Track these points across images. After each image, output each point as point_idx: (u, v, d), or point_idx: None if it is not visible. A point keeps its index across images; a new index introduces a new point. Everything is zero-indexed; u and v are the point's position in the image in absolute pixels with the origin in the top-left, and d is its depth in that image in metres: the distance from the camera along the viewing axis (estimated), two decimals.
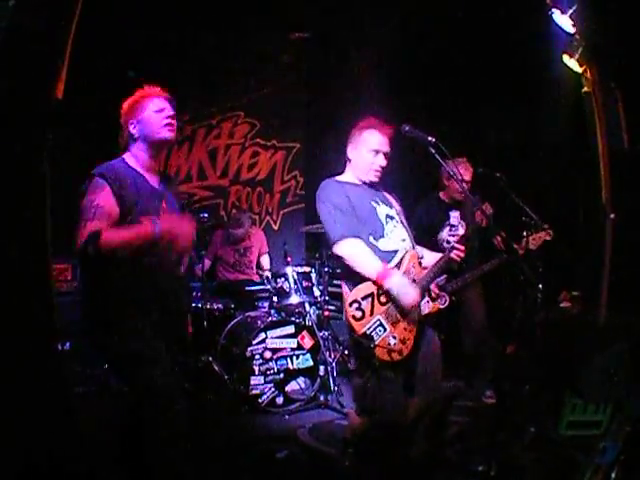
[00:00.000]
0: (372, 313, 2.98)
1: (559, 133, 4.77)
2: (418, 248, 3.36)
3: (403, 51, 5.54)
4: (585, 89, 4.21)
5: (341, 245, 3.03)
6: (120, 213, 2.50)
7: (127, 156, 2.68)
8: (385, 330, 2.97)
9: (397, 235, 3.16)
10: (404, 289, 2.96)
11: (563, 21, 3.85)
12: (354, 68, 6.11)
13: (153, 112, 2.65)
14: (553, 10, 3.83)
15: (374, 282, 2.99)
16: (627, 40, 3.81)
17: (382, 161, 3.20)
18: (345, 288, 3.10)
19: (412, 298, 2.96)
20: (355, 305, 2.98)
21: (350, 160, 3.27)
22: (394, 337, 2.97)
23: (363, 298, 2.99)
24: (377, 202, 3.20)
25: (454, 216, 4.52)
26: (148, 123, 2.65)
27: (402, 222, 3.27)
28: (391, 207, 3.27)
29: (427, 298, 3.14)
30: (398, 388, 3.04)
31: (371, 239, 3.08)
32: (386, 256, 3.08)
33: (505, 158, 4.86)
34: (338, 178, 3.29)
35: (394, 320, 3.00)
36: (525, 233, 3.88)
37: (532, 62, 4.63)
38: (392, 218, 3.21)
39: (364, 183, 3.26)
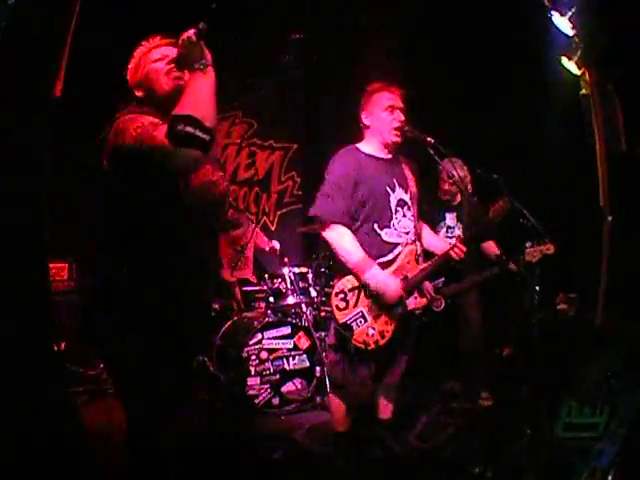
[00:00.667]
0: (356, 305, 3.05)
1: (557, 135, 4.78)
2: (426, 232, 3.37)
3: (402, 52, 5.54)
4: (583, 91, 4.22)
5: (327, 231, 3.07)
6: None
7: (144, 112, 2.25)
8: (366, 321, 3.04)
9: (403, 226, 3.16)
10: (382, 284, 3.00)
11: (562, 23, 3.86)
12: (352, 68, 6.11)
13: (152, 63, 2.28)
14: (552, 12, 3.84)
15: (353, 270, 3.04)
16: (625, 43, 3.82)
17: (399, 116, 3.18)
18: (336, 280, 3.16)
19: (391, 293, 3.00)
20: (340, 296, 3.06)
21: (368, 126, 3.23)
22: (373, 329, 3.04)
23: (350, 290, 3.06)
24: (393, 186, 3.17)
25: (450, 217, 4.53)
26: (149, 78, 2.28)
27: (414, 208, 3.27)
28: (406, 190, 3.24)
29: (416, 294, 3.16)
30: (367, 374, 3.12)
31: (375, 227, 3.09)
32: (386, 248, 3.11)
33: (503, 160, 4.85)
34: (360, 146, 3.25)
35: (377, 313, 3.05)
36: (526, 245, 3.86)
37: (531, 64, 4.64)
38: (404, 205, 3.19)
39: (385, 158, 3.23)
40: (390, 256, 3.11)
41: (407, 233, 3.16)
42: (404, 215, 3.17)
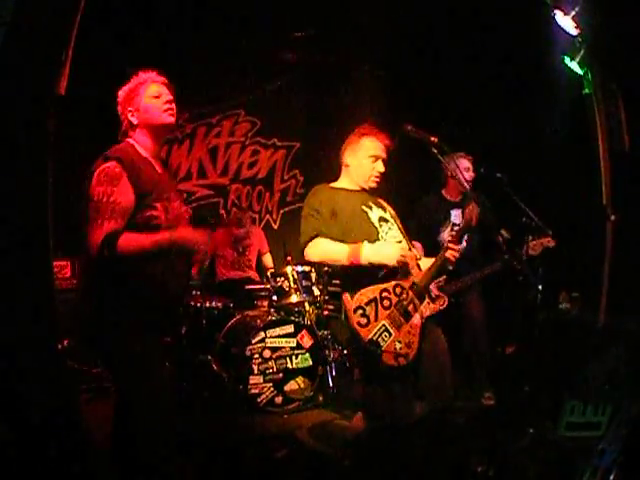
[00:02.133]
0: (377, 318, 2.99)
1: (560, 134, 4.77)
2: (416, 248, 3.37)
3: (405, 51, 5.54)
4: (586, 91, 4.22)
5: (308, 250, 3.11)
6: (135, 201, 2.44)
7: (132, 142, 2.62)
8: (390, 335, 2.98)
9: (393, 237, 3.18)
10: (381, 252, 3.01)
11: (565, 23, 3.86)
12: (355, 67, 6.11)
13: (151, 98, 2.62)
14: (555, 12, 3.84)
15: (351, 264, 3.03)
16: (629, 42, 3.81)
17: (381, 167, 3.23)
18: (346, 297, 3.07)
19: (394, 254, 3.01)
20: (360, 311, 2.98)
21: (347, 166, 3.29)
22: (399, 341, 2.99)
23: (367, 304, 3.00)
24: (369, 206, 3.22)
25: (456, 214, 4.51)
26: (147, 110, 2.60)
27: (397, 225, 3.29)
28: (385, 210, 3.29)
29: (427, 300, 3.15)
30: (408, 393, 3.08)
31: (366, 243, 3.07)
32: None
33: (506, 159, 4.85)
34: (332, 184, 3.32)
35: (398, 324, 3.02)
36: (526, 238, 3.86)
37: (534, 63, 4.63)
38: (386, 221, 3.23)
39: (357, 190, 3.28)
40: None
41: (399, 242, 3.18)
42: (390, 228, 3.21)
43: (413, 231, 3.79)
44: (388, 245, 3.04)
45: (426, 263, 3.29)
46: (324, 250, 3.06)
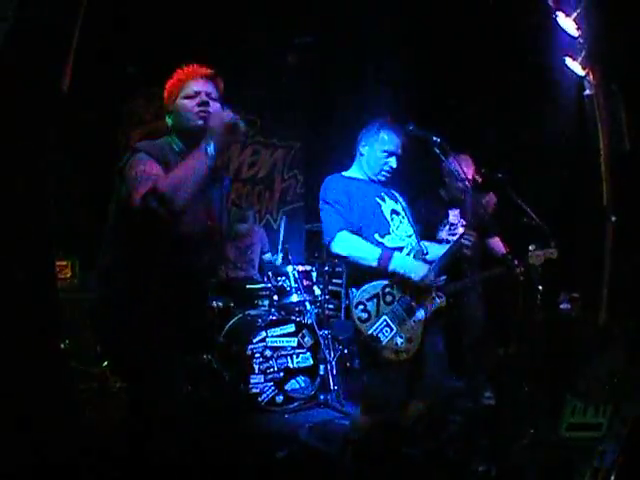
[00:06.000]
0: (378, 313, 2.99)
1: (561, 135, 4.77)
2: (424, 243, 3.37)
3: (405, 52, 5.54)
4: (587, 92, 4.22)
5: (335, 243, 3.05)
6: None
7: (170, 140, 2.42)
8: (392, 330, 2.98)
9: (403, 231, 3.18)
10: (409, 265, 3.00)
11: (567, 24, 3.86)
12: (356, 68, 6.11)
13: (183, 99, 2.37)
14: (557, 13, 3.84)
15: (378, 270, 3.00)
16: (630, 43, 3.81)
17: (394, 163, 3.21)
18: (351, 293, 3.09)
19: (420, 272, 2.99)
20: (360, 307, 2.99)
21: (362, 155, 3.26)
22: (401, 337, 2.98)
23: (368, 300, 3.00)
24: (382, 198, 3.20)
25: (453, 214, 4.49)
26: (179, 113, 2.37)
27: (408, 217, 3.30)
28: (397, 201, 3.28)
29: (434, 294, 3.15)
30: (402, 387, 3.06)
31: (377, 236, 3.09)
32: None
33: (507, 159, 4.86)
34: (344, 173, 3.29)
35: (400, 319, 3.01)
36: (530, 247, 3.86)
37: (535, 64, 4.63)
38: (398, 214, 3.22)
39: (371, 180, 3.27)
40: None
41: (410, 236, 3.18)
42: (401, 222, 3.20)
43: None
44: (417, 263, 3.03)
45: (433, 249, 3.33)
46: (354, 246, 3.01)
